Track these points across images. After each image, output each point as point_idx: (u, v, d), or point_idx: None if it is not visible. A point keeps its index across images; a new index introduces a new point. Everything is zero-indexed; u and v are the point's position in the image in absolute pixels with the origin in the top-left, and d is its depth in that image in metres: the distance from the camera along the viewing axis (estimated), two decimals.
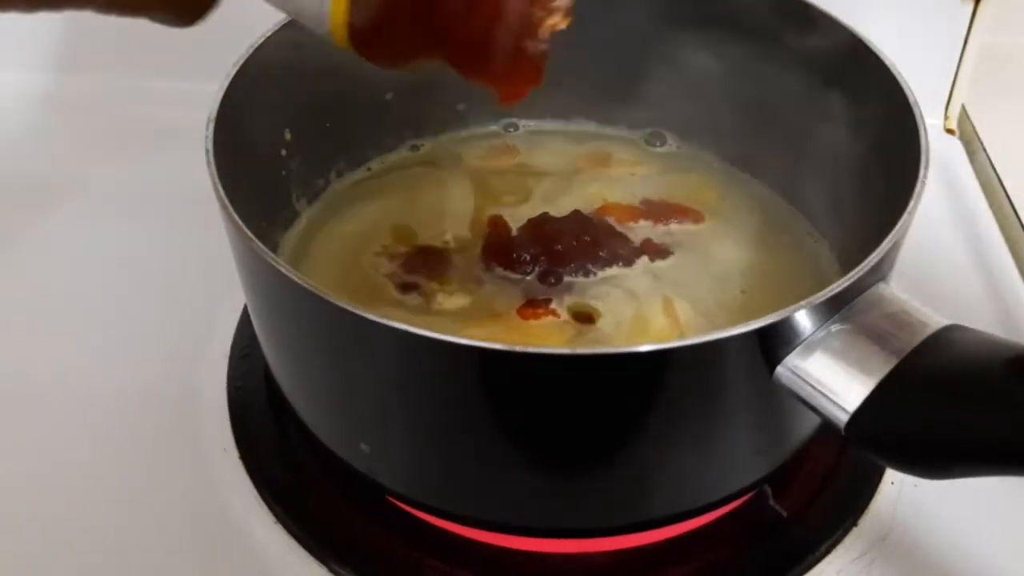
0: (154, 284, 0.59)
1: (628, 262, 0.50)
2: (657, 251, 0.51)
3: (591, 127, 0.61)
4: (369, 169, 0.58)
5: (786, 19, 0.50)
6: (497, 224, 0.52)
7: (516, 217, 0.53)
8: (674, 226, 0.53)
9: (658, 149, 0.59)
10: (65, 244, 0.62)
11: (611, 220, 0.52)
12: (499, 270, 0.50)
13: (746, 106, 0.54)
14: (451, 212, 0.54)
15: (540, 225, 0.51)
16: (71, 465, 0.49)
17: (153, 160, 0.66)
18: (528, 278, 0.49)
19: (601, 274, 0.50)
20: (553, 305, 0.48)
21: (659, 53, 0.54)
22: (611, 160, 0.59)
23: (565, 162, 0.58)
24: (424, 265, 0.50)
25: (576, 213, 0.51)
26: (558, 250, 0.50)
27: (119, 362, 0.54)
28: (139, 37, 0.72)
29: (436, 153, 0.59)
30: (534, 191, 0.56)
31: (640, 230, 0.53)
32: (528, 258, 0.50)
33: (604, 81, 0.58)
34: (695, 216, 0.54)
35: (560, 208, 0.52)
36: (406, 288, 0.50)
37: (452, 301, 0.49)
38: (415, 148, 0.59)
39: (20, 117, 0.71)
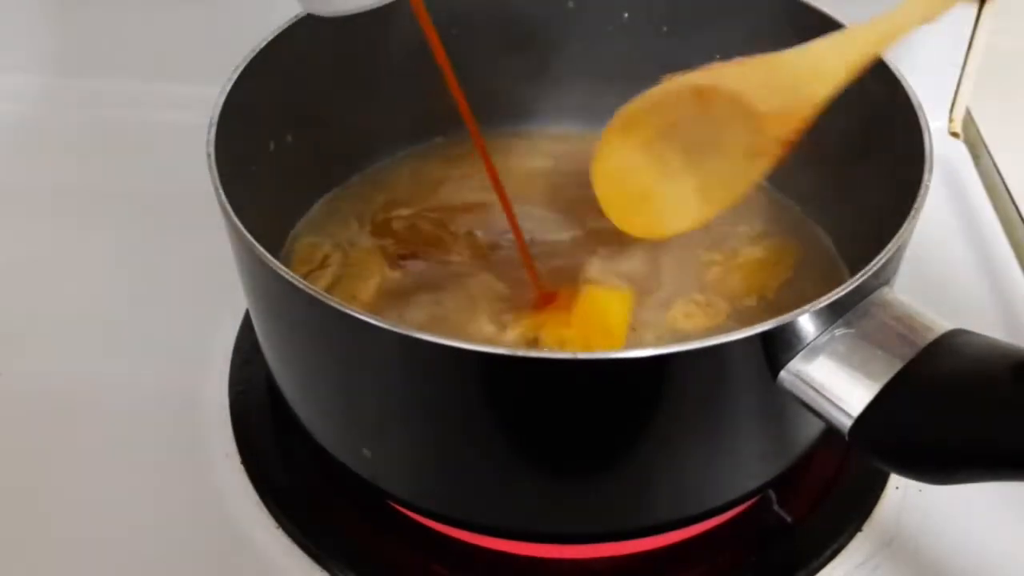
0: (155, 289, 0.59)
1: None
2: None
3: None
4: (369, 171, 0.57)
5: (787, 21, 0.50)
6: None
7: None
8: None
9: None
10: (64, 248, 0.62)
11: None
12: None
13: None
14: None
15: None
16: (72, 470, 0.49)
17: (154, 163, 0.66)
18: None
19: None
20: None
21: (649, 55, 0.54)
22: None
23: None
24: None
25: None
26: None
27: (120, 367, 0.54)
28: (140, 39, 0.73)
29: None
30: None
31: None
32: None
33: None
34: None
35: None
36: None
37: None
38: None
39: (21, 119, 0.71)
